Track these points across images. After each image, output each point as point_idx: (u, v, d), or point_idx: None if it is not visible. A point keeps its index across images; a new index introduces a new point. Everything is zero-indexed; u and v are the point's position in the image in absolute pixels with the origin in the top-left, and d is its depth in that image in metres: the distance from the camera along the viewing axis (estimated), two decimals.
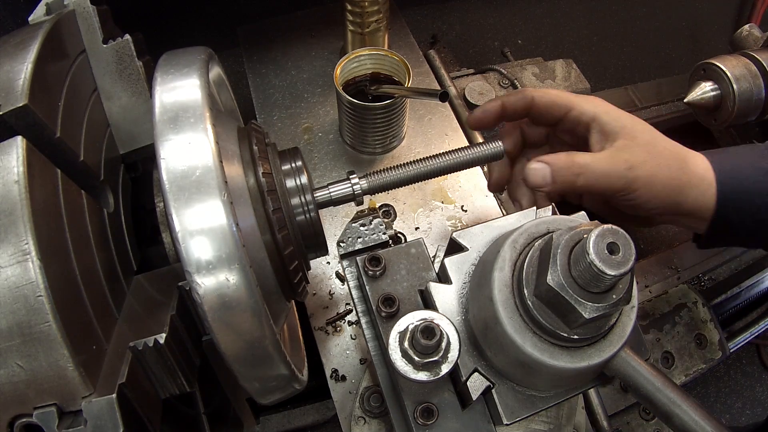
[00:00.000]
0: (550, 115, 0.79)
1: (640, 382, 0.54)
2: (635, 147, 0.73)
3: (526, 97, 0.79)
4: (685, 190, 0.75)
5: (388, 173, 0.76)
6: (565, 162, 0.73)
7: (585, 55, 2.13)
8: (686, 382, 1.12)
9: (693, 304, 1.16)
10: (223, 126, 0.66)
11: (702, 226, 0.79)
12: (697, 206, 0.76)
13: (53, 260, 0.54)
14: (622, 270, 0.44)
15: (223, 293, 0.51)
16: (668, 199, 0.74)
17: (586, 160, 0.73)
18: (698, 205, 0.76)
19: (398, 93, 0.99)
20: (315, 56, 1.29)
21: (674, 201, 0.75)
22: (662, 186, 0.74)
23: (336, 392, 0.90)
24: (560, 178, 0.73)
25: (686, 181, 0.75)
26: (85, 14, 0.76)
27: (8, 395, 0.53)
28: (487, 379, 0.56)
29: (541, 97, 0.78)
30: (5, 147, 0.55)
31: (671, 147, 0.76)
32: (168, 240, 0.79)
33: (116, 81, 0.80)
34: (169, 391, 0.64)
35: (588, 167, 0.72)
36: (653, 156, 0.73)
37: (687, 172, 0.75)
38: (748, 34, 1.34)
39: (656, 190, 0.73)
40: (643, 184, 0.73)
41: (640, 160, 0.72)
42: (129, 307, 0.70)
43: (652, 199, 0.74)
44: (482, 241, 0.61)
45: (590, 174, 0.72)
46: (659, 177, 0.73)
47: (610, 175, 0.72)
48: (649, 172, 0.73)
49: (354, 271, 0.67)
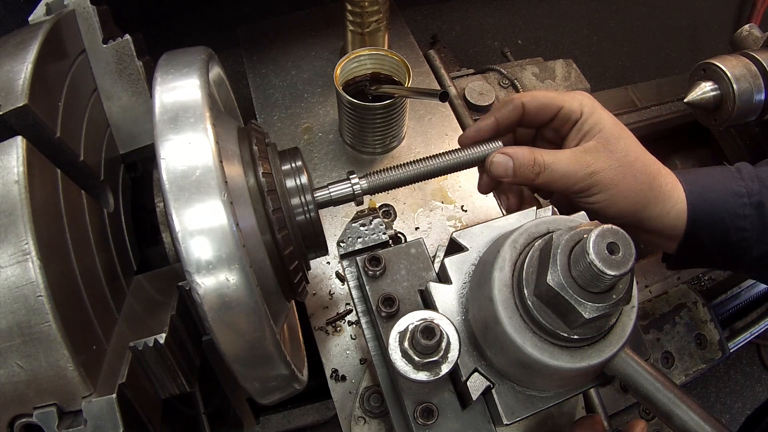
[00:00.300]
0: (541, 117, 0.79)
1: (640, 382, 0.54)
2: (603, 152, 0.73)
3: (517, 106, 0.79)
4: (650, 206, 0.74)
5: (388, 173, 0.76)
6: (527, 158, 0.74)
7: (585, 55, 2.13)
8: (686, 382, 1.12)
9: (693, 304, 1.16)
10: (223, 126, 0.66)
11: (669, 245, 0.79)
12: (661, 224, 0.75)
13: (53, 260, 0.54)
14: (622, 270, 0.44)
15: (223, 293, 0.51)
16: (630, 211, 0.74)
17: (547, 160, 0.73)
18: (662, 223, 0.75)
19: (398, 93, 0.99)
20: (315, 56, 1.29)
21: (636, 215, 0.74)
22: (623, 197, 0.73)
23: (336, 392, 0.90)
24: (520, 173, 0.74)
25: (652, 197, 0.74)
26: (85, 14, 0.76)
27: (8, 395, 0.53)
28: (487, 379, 0.56)
29: (531, 101, 0.78)
30: (5, 147, 0.55)
31: (644, 160, 0.75)
32: (168, 240, 0.79)
33: (116, 81, 0.80)
34: (169, 391, 0.64)
35: (548, 166, 0.73)
36: (621, 165, 0.73)
37: (654, 188, 0.74)
38: (748, 34, 1.34)
39: (617, 200, 0.73)
40: (603, 189, 0.72)
41: (604, 166, 0.72)
42: (129, 307, 0.70)
43: (611, 206, 0.73)
44: (482, 241, 0.61)
45: (549, 174, 0.73)
46: (621, 187, 0.73)
47: (569, 176, 0.73)
48: (611, 180, 0.72)
49: (354, 271, 0.67)
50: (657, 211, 0.75)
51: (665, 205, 0.75)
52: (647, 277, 1.32)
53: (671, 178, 0.77)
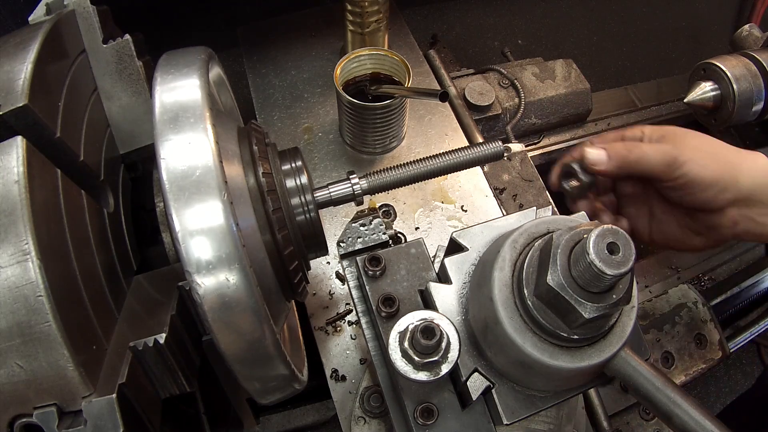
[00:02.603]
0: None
1: (640, 382, 0.54)
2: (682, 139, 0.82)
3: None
4: (739, 167, 0.78)
5: (388, 173, 0.76)
6: (619, 145, 0.82)
7: (585, 55, 2.13)
8: (686, 382, 1.11)
9: (693, 304, 1.16)
10: (223, 126, 0.66)
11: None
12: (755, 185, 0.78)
13: (53, 260, 0.54)
14: (622, 270, 0.44)
15: (223, 293, 0.51)
16: (722, 174, 0.77)
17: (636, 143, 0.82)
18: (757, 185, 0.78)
19: (398, 93, 0.99)
20: (315, 56, 1.29)
21: (730, 176, 0.78)
22: (712, 158, 0.78)
23: (336, 392, 0.90)
24: (614, 153, 0.81)
25: (736, 156, 0.79)
26: (85, 14, 0.76)
27: (8, 395, 0.53)
28: (487, 379, 0.56)
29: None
30: (5, 147, 0.55)
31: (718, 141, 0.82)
32: (168, 240, 0.79)
33: (116, 81, 0.80)
34: (169, 391, 0.64)
35: (638, 146, 0.81)
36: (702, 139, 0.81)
37: (733, 150, 0.79)
38: (748, 34, 1.34)
39: (705, 162, 0.77)
40: (692, 156, 0.77)
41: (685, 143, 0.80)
42: (129, 307, 0.70)
43: (701, 172, 0.77)
44: (482, 241, 0.61)
45: (639, 150, 0.80)
46: (706, 148, 0.79)
47: (656, 151, 0.79)
48: (696, 146, 0.79)
49: (354, 271, 0.67)
50: (744, 169, 0.78)
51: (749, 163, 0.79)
52: (647, 277, 1.32)
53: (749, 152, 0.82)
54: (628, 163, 0.80)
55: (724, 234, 0.84)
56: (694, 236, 0.87)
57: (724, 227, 0.82)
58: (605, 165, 0.81)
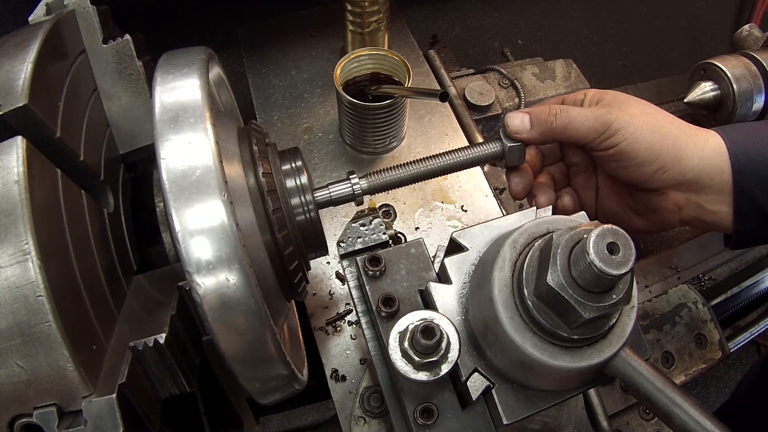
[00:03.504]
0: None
1: (640, 382, 0.54)
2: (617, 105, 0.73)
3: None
4: (680, 144, 0.69)
5: (388, 173, 0.76)
6: (541, 108, 0.76)
7: (585, 55, 2.13)
8: (686, 382, 1.12)
9: (693, 304, 1.16)
10: (223, 126, 0.66)
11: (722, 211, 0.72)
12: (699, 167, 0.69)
13: (53, 260, 0.54)
14: (622, 270, 0.44)
15: (223, 293, 0.51)
16: (660, 150, 0.69)
17: (561, 107, 0.75)
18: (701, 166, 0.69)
19: (398, 93, 0.99)
20: (315, 56, 1.29)
21: (671, 154, 0.69)
22: (651, 130, 0.69)
23: (336, 392, 0.90)
24: (537, 120, 0.75)
25: (681, 134, 0.70)
26: (85, 14, 0.76)
27: (8, 395, 0.53)
28: (487, 379, 0.56)
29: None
30: (5, 147, 0.55)
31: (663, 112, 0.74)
32: (168, 240, 0.79)
33: (116, 81, 0.80)
34: (169, 391, 0.64)
35: (565, 110, 0.74)
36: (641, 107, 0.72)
37: (680, 127, 0.71)
38: (748, 34, 1.34)
39: (642, 133, 0.69)
40: (624, 126, 0.69)
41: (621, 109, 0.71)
42: (129, 307, 0.70)
43: (635, 144, 0.69)
44: (482, 241, 0.61)
45: (566, 115, 0.73)
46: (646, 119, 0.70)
47: (587, 116, 0.72)
48: (636, 113, 0.70)
49: (354, 271, 0.67)
50: (690, 148, 0.70)
51: (697, 141, 0.70)
52: (647, 277, 1.32)
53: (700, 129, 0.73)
54: (551, 130, 0.74)
55: (668, 218, 0.77)
56: (633, 216, 0.81)
57: (666, 211, 0.76)
58: (527, 132, 0.75)
